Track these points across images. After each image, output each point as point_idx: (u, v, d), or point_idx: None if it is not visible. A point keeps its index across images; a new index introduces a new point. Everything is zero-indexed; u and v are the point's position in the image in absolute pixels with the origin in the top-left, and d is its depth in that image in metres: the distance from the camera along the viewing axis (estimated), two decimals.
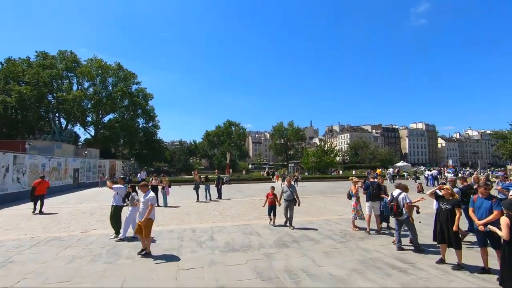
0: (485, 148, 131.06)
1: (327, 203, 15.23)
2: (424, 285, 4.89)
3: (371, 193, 8.55)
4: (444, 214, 5.62)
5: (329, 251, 6.80)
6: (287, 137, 79.63)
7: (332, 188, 24.93)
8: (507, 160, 63.71)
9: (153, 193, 6.62)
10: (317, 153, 45.19)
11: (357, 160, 73.53)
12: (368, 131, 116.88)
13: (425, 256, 6.39)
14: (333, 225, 9.65)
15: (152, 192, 6.71)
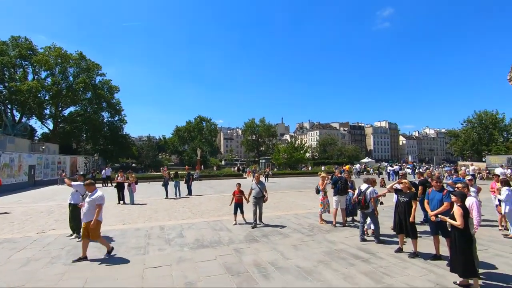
0: (440, 145, 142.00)
1: (296, 198, 15.61)
2: (383, 273, 5.23)
3: (340, 187, 8.92)
4: (402, 206, 6.04)
5: (297, 244, 7.00)
6: (259, 133, 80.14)
7: (301, 183, 25.59)
8: (458, 156, 69.59)
9: (100, 192, 6.15)
10: (288, 150, 46.12)
11: (326, 156, 76.18)
12: (336, 128, 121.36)
13: (385, 246, 6.82)
14: (302, 219, 9.93)
15: (100, 192, 6.22)
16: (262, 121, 79.80)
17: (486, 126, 60.75)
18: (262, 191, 9.06)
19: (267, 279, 4.97)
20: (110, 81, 50.46)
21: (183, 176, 18.53)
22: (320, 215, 9.38)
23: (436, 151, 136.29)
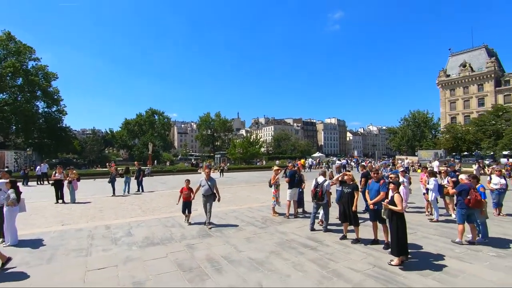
0: (382, 141, 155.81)
1: (251, 192, 15.84)
2: (329, 259, 5.61)
3: (297, 180, 9.27)
4: (346, 197, 6.53)
5: (250, 237, 7.13)
6: (214, 128, 79.17)
7: (256, 177, 26.02)
8: (396, 151, 77.23)
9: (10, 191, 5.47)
10: (244, 144, 46.36)
11: (280, 151, 78.42)
12: (290, 124, 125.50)
13: (332, 234, 7.31)
14: (256, 212, 10.13)
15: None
16: (217, 115, 78.92)
17: (419, 124, 68.41)
18: (212, 188, 8.10)
19: (219, 272, 4.98)
20: (46, 67, 44.94)
21: (134, 171, 17.49)
22: (272, 208, 9.66)
23: (378, 146, 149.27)
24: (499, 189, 9.23)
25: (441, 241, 6.73)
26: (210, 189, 8.12)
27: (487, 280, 4.66)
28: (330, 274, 4.88)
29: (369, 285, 4.48)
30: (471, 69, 64.74)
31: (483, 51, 65.82)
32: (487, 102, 60.69)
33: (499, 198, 9.35)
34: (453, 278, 4.73)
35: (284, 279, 4.71)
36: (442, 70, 70.30)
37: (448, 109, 68.63)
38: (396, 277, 4.78)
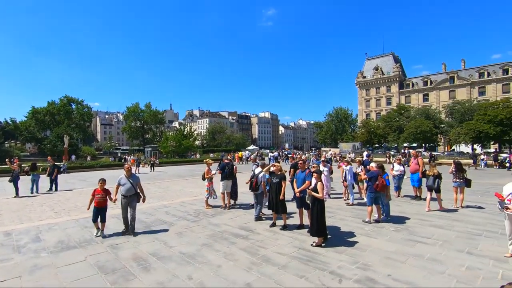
0: (310, 134, 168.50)
1: (184, 186, 15.40)
2: (259, 246, 5.88)
3: (227, 172, 9.35)
4: (274, 186, 6.91)
5: (182, 231, 6.96)
6: (144, 119, 73.68)
7: (190, 171, 25.38)
8: (322, 144, 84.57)
9: None
10: (177, 137, 44.55)
11: (215, 144, 77.93)
12: (225, 117, 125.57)
13: (263, 223, 7.66)
14: (188, 206, 9.91)
15: None
16: (148, 106, 73.56)
17: (341, 119, 76.10)
18: (135, 187, 6.79)
19: (147, 271, 4.74)
20: None
21: (45, 168, 15.14)
22: (205, 201, 9.60)
23: (307, 139, 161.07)
24: (399, 175, 10.99)
25: (354, 222, 7.70)
26: (133, 187, 6.74)
27: (388, 251, 5.54)
28: (260, 260, 5.12)
29: (293, 266, 4.86)
30: (382, 73, 74.78)
31: (390, 57, 76.61)
32: (393, 102, 71.16)
33: (399, 182, 11.14)
34: (362, 252, 5.48)
35: (215, 269, 4.76)
36: (360, 72, 79.41)
37: (364, 107, 78.15)
38: (317, 256, 5.30)
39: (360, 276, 4.47)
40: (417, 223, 7.49)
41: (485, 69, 62.35)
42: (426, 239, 6.25)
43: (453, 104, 51.74)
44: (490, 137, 39.48)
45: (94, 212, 6.55)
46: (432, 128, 46.71)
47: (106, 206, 6.70)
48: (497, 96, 56.24)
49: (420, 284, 4.20)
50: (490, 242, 6.01)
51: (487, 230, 6.83)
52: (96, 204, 6.53)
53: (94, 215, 6.56)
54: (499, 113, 38.34)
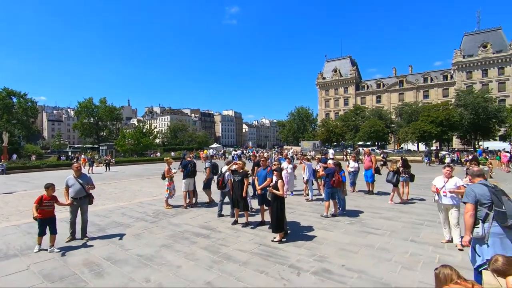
0: (273, 133, 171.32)
1: (142, 186, 14.74)
2: (221, 244, 5.86)
3: (189, 170, 9.15)
4: (237, 184, 6.93)
5: (140, 233, 6.67)
6: (99, 116, 68.79)
7: (149, 170, 24.36)
8: (284, 142, 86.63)
9: None
10: (135, 135, 42.37)
11: (177, 142, 75.63)
12: (188, 114, 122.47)
13: (225, 221, 7.64)
14: (147, 207, 9.51)
15: None
16: (102, 101, 68.75)
17: (302, 118, 78.55)
18: (84, 187, 6.16)
19: (100, 276, 4.47)
20: None
21: None
22: (166, 201, 9.30)
23: (270, 137, 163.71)
24: (354, 171, 11.70)
25: (313, 216, 8.04)
26: (83, 188, 6.11)
27: (342, 243, 5.88)
28: (221, 258, 5.11)
29: (254, 262, 4.93)
30: (340, 74, 78.65)
31: (348, 60, 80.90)
32: (350, 102, 75.28)
33: (354, 178, 11.85)
34: (319, 245, 5.75)
35: (175, 270, 4.65)
36: (320, 73, 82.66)
37: (324, 107, 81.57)
38: (277, 251, 5.44)
39: (317, 268, 4.69)
40: (369, 216, 8.05)
41: (429, 75, 68.83)
42: (377, 230, 6.76)
43: (402, 105, 56.22)
44: (433, 136, 43.72)
45: (39, 225, 5.44)
46: (384, 127, 50.36)
47: (55, 216, 5.70)
48: (438, 99, 62.45)
49: (370, 272, 4.53)
50: (430, 230, 6.70)
51: (428, 220, 7.58)
52: (42, 215, 5.41)
53: (40, 228, 5.46)
54: (440, 114, 42.60)
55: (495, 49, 59.15)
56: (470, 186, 3.80)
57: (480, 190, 3.53)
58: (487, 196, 3.44)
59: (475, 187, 3.64)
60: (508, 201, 3.39)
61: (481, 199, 3.48)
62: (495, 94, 54.60)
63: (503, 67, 58.48)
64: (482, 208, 3.45)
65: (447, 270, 2.47)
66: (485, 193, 3.48)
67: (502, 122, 42.37)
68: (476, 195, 3.52)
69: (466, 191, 3.78)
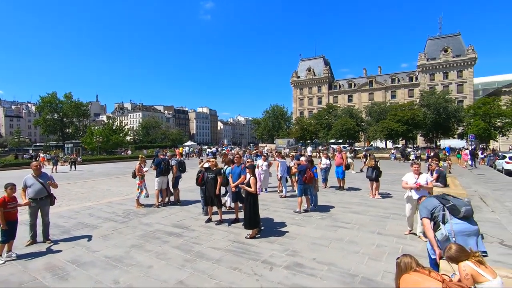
0: (248, 130, 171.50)
1: (112, 185, 14.15)
2: (194, 242, 5.79)
3: (163, 168, 8.92)
4: (210, 182, 6.88)
5: (108, 234, 6.41)
6: (64, 111, 64.65)
7: (120, 169, 23.40)
8: (259, 139, 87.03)
9: None
10: (104, 132, 40.38)
11: (149, 140, 73.31)
12: (161, 111, 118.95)
13: (198, 219, 7.55)
14: (116, 207, 9.15)
15: None
16: (68, 96, 64.60)
17: (277, 116, 79.32)
18: (46, 187, 5.82)
19: (64, 280, 4.25)
20: None
21: None
22: (136, 200, 9.01)
23: (245, 135, 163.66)
24: (325, 168, 12.06)
25: (286, 212, 8.19)
26: (44, 189, 5.76)
27: (314, 237, 6.06)
28: (194, 257, 5.06)
29: (228, 259, 4.94)
30: (313, 74, 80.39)
31: (321, 60, 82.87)
32: (323, 101, 77.27)
33: (325, 174, 12.22)
34: (291, 240, 5.87)
35: (145, 271, 4.53)
36: (295, 72, 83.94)
37: (298, 105, 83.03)
38: (251, 247, 5.48)
39: (289, 262, 4.80)
40: (340, 211, 8.36)
41: (396, 76, 72.46)
42: (346, 224, 7.03)
43: (371, 105, 58.67)
44: (399, 134, 46.15)
45: (3, 232, 4.88)
46: (355, 126, 52.26)
47: (16, 220, 5.22)
48: (405, 99, 65.96)
49: (339, 264, 4.72)
50: (395, 223, 7.09)
51: (393, 213, 8.02)
52: (6, 217, 4.93)
53: (3, 234, 4.89)
54: (406, 114, 45.06)
55: (454, 53, 63.53)
56: (424, 201, 3.95)
57: (428, 202, 3.78)
58: (435, 202, 3.68)
59: (424, 202, 3.87)
60: (454, 198, 3.65)
61: (432, 208, 3.69)
62: (454, 95, 58.66)
63: (461, 70, 63.00)
64: (438, 213, 3.66)
65: (407, 259, 2.64)
66: (433, 201, 3.73)
67: (460, 121, 45.66)
68: (426, 208, 3.72)
69: (419, 209, 3.97)
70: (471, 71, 62.30)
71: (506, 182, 15.58)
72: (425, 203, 3.81)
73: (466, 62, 62.19)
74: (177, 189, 9.60)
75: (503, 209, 8.94)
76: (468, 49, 62.42)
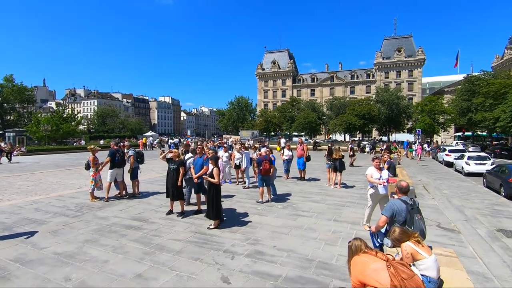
0: (212, 121, 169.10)
1: (62, 178, 13.11)
2: (153, 235, 5.64)
3: (118, 160, 8.44)
4: (172, 173, 6.71)
5: (58, 229, 5.96)
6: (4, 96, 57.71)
7: (72, 160, 21.71)
8: (224, 131, 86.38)
9: None
10: (53, 120, 36.93)
11: (106, 129, 68.82)
12: (119, 99, 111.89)
13: (158, 211, 7.34)
14: (68, 200, 8.51)
15: None
16: (8, 80, 57.63)
17: (242, 108, 79.23)
18: None
19: (6, 280, 3.89)
20: None
21: None
22: (91, 193, 8.46)
23: (209, 126, 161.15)
24: (288, 159, 12.40)
25: (249, 203, 8.31)
26: None
27: (275, 226, 6.25)
28: (153, 249, 4.93)
29: (189, 250, 4.90)
30: (278, 67, 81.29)
31: (286, 53, 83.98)
32: (287, 94, 78.75)
33: (288, 165, 12.57)
34: (253, 229, 6.00)
35: (100, 266, 4.32)
36: (260, 64, 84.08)
37: (263, 97, 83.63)
38: (213, 238, 5.50)
39: (250, 250, 4.91)
40: (300, 200, 8.70)
41: (355, 72, 76.25)
42: (306, 212, 7.36)
43: (332, 99, 61.29)
44: (357, 128, 49.00)
45: None
46: (316, 119, 54.28)
47: None
48: (362, 95, 69.81)
49: (298, 250, 4.94)
50: (350, 210, 7.59)
51: (348, 202, 8.56)
52: None
53: None
54: (363, 109, 47.88)
55: (407, 53, 68.49)
56: (392, 201, 4.13)
57: (399, 206, 3.92)
58: (404, 214, 3.86)
59: (397, 202, 4.00)
60: (419, 220, 3.83)
61: (398, 215, 3.89)
62: (406, 93, 63.57)
63: (412, 70, 68.26)
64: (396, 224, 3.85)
65: (357, 242, 2.87)
66: (402, 210, 3.87)
67: (410, 117, 49.74)
68: (394, 212, 3.92)
69: (387, 205, 4.14)
70: (420, 71, 67.79)
71: (444, 172, 17.44)
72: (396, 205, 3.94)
73: (416, 63, 67.45)
74: (136, 181, 9.20)
75: (441, 196, 10.03)
76: (418, 51, 67.69)
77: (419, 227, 3.75)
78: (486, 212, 8.07)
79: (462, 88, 41.25)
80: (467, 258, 4.80)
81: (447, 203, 9.00)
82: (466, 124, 40.60)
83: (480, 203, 9.27)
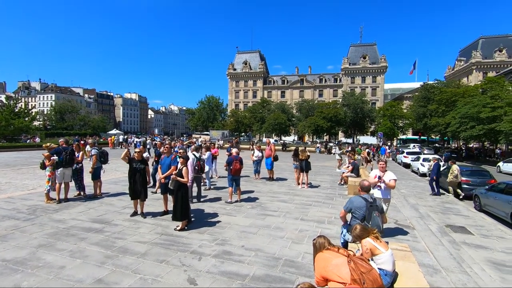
0: (182, 120, 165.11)
1: (13, 178, 12.00)
2: (116, 237, 5.39)
3: (64, 159, 7.82)
4: (138, 173, 6.45)
5: (7, 234, 5.46)
6: None
7: (25, 159, 19.95)
8: (193, 130, 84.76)
9: None
10: (3, 115, 33.70)
11: (65, 126, 64.17)
12: (80, 94, 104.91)
13: (122, 213, 7.02)
14: (19, 202, 7.82)
15: None
16: None
17: (212, 108, 78.41)
18: None
19: None
20: None
21: None
22: (46, 194, 7.85)
23: (179, 125, 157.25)
24: (257, 160, 12.52)
25: (218, 203, 8.26)
26: None
27: (243, 226, 6.29)
28: (116, 252, 4.72)
29: (154, 252, 4.76)
30: (249, 67, 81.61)
31: (257, 54, 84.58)
32: (258, 95, 79.33)
33: (257, 166, 12.68)
34: (222, 230, 5.98)
35: (56, 272, 4.03)
36: (231, 64, 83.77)
37: (234, 97, 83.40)
38: (180, 239, 5.39)
39: (218, 251, 4.89)
40: (268, 200, 8.83)
41: (324, 76, 79.00)
42: (274, 212, 7.49)
43: (301, 102, 62.85)
44: (324, 130, 50.78)
45: None
46: (286, 120, 55.37)
47: None
48: (330, 98, 72.56)
49: (266, 249, 5.02)
50: (316, 209, 7.85)
51: (315, 201, 8.86)
52: None
53: None
54: (330, 112, 49.78)
55: (371, 60, 72.37)
56: (353, 197, 4.52)
57: (359, 203, 4.29)
58: (362, 210, 4.22)
59: (356, 199, 4.38)
60: (376, 217, 4.21)
61: (356, 211, 4.27)
62: (370, 97, 67.21)
63: (375, 76, 72.27)
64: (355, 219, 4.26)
65: (321, 239, 2.99)
66: (361, 207, 4.24)
67: (373, 121, 52.64)
68: (352, 207, 4.33)
69: (348, 200, 4.52)
70: (382, 78, 72.00)
71: (402, 173, 18.71)
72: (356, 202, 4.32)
73: (379, 69, 71.54)
74: (98, 181, 8.69)
75: (399, 195, 10.74)
76: (381, 58, 71.88)
77: (376, 223, 4.08)
78: (437, 210, 8.80)
79: (419, 95, 44.50)
80: (420, 252, 5.20)
81: (404, 202, 9.67)
82: (422, 129, 43.84)
83: (432, 201, 10.08)
